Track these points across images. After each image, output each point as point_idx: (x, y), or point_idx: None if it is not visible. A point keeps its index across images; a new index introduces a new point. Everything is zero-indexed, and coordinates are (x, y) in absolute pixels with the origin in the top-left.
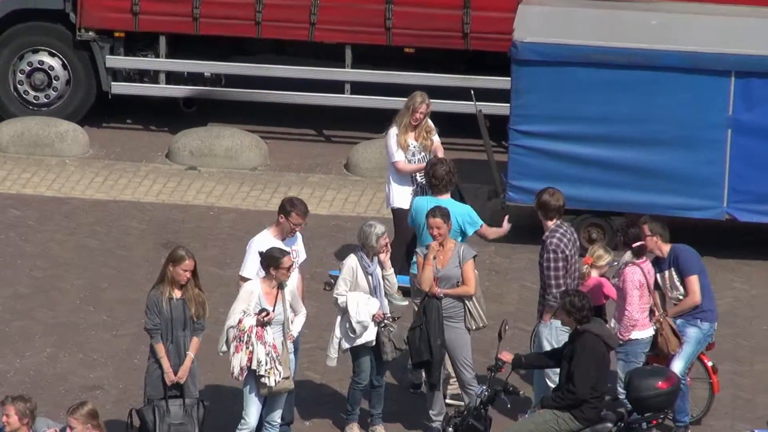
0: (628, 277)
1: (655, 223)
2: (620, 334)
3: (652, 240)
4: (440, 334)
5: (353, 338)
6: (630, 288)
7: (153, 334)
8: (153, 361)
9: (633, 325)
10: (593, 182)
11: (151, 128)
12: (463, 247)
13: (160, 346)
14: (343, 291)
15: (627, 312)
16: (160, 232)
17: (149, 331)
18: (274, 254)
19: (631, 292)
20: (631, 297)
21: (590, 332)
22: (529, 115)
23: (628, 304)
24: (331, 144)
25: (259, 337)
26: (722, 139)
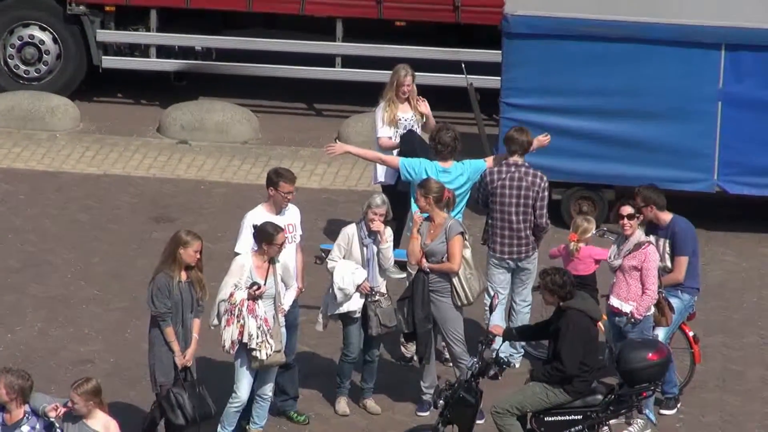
0: (651, 257)
1: (648, 191)
2: (639, 314)
3: (647, 210)
4: (424, 308)
5: (335, 305)
6: (653, 269)
7: (165, 318)
8: (160, 345)
9: (652, 304)
10: (584, 155)
11: (141, 102)
12: (451, 223)
13: (171, 330)
14: (335, 257)
15: (650, 292)
16: (151, 206)
17: (161, 315)
18: (267, 230)
19: (653, 272)
20: (654, 278)
21: (573, 308)
22: (519, 88)
23: (651, 284)
24: (322, 117)
25: (251, 310)
26: (713, 111)
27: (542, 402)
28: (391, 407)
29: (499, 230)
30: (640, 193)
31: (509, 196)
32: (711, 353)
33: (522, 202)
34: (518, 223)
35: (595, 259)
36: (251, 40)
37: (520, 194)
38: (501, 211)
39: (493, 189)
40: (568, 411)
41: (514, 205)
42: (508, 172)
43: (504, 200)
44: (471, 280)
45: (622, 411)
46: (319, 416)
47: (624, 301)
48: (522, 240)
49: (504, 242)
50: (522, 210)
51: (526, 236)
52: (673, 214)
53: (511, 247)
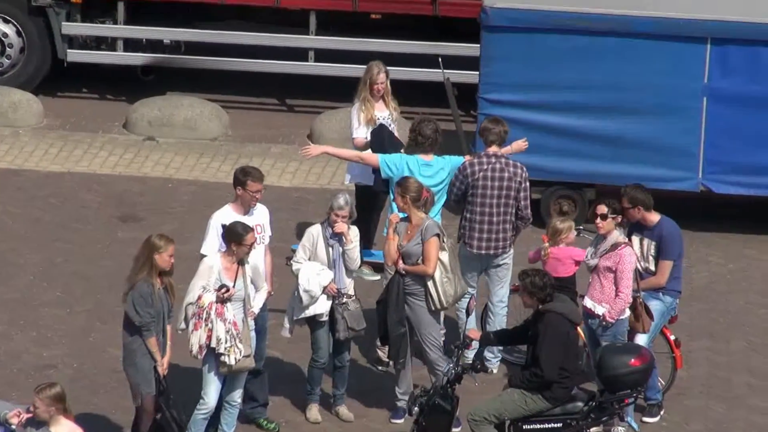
0: (626, 259)
1: (635, 191)
2: (611, 317)
3: (634, 211)
4: (398, 311)
5: (301, 309)
6: (628, 270)
7: (149, 328)
8: (143, 356)
9: (625, 307)
10: (564, 152)
11: (107, 97)
12: (427, 224)
13: (154, 340)
14: (300, 258)
15: (623, 295)
16: (116, 205)
17: (144, 325)
18: (237, 230)
19: (628, 275)
20: (628, 280)
21: (553, 311)
22: (498, 83)
23: (625, 287)
24: (294, 114)
25: (219, 314)
26: (698, 107)
27: (520, 409)
28: (365, 414)
29: (477, 224)
30: (627, 193)
31: (491, 188)
32: (696, 359)
33: (504, 194)
34: (498, 216)
35: (575, 260)
36: (221, 33)
37: (502, 186)
38: (482, 204)
39: (474, 181)
40: (548, 419)
41: (495, 197)
42: (489, 163)
43: (486, 192)
44: (446, 285)
45: (603, 418)
46: (290, 423)
47: (597, 303)
48: (500, 234)
49: (482, 237)
50: (504, 202)
51: (504, 230)
52: (660, 216)
53: (489, 242)
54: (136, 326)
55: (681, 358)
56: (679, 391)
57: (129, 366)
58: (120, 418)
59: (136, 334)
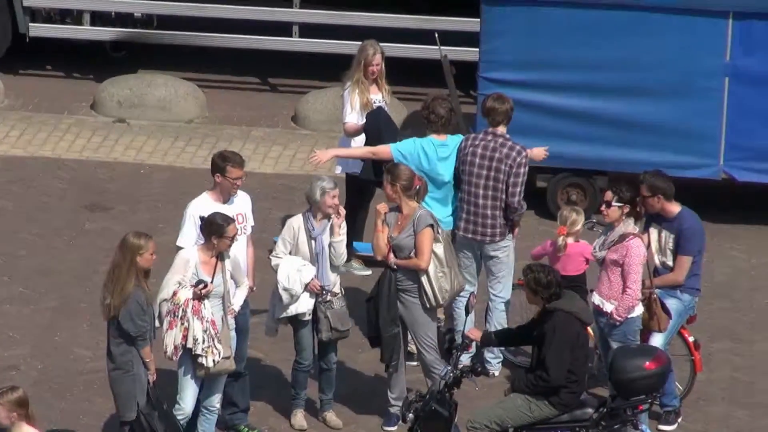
0: (633, 252)
1: (655, 179)
2: (618, 315)
3: (654, 200)
4: (390, 309)
5: (282, 308)
6: (636, 264)
7: (145, 337)
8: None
9: (635, 304)
10: (573, 137)
11: (74, 76)
12: (420, 214)
13: (148, 349)
14: (280, 253)
15: (630, 291)
16: (84, 193)
17: (141, 335)
18: (217, 221)
19: (636, 269)
20: (636, 274)
21: (561, 310)
22: (500, 61)
23: (633, 282)
24: (277, 94)
25: (196, 311)
26: (719, 88)
27: (524, 416)
28: (354, 421)
29: (465, 205)
30: (646, 180)
31: (478, 167)
32: (716, 361)
33: (492, 175)
34: (484, 199)
35: (585, 258)
36: (198, 6)
37: (491, 166)
38: (468, 182)
39: (463, 157)
40: (554, 426)
41: (483, 178)
42: (483, 140)
43: (473, 170)
44: (441, 280)
45: (615, 426)
46: (273, 431)
47: (606, 299)
48: (487, 220)
49: (469, 219)
50: (491, 185)
51: (493, 216)
52: (681, 206)
53: (475, 226)
54: (131, 336)
55: (701, 361)
56: (699, 397)
57: (126, 377)
58: (89, 424)
59: (131, 344)
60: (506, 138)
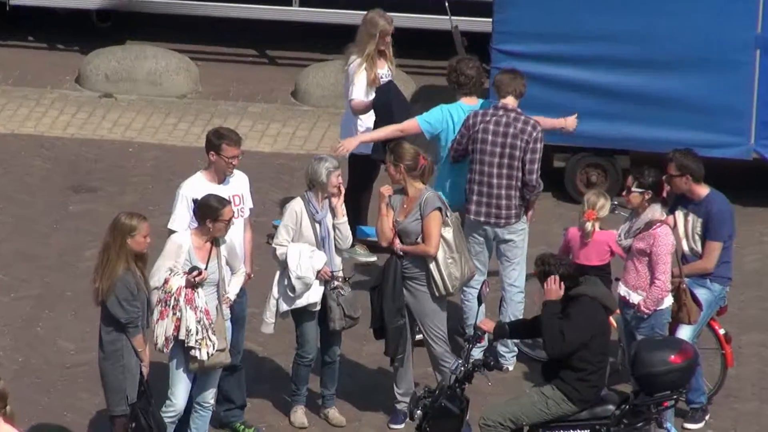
0: (661, 240)
1: (685, 158)
2: (646, 308)
3: (681, 180)
4: (396, 299)
5: (292, 298)
6: (664, 253)
7: (136, 324)
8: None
9: (663, 296)
10: (592, 114)
11: (57, 47)
12: (427, 196)
13: (141, 338)
14: (283, 241)
15: (659, 282)
16: (68, 173)
17: (132, 322)
18: (211, 203)
19: (665, 258)
20: (665, 264)
21: (586, 295)
22: (514, 32)
23: (662, 273)
24: (275, 67)
25: (189, 300)
26: (749, 61)
27: (541, 413)
28: (358, 418)
29: (476, 186)
30: (675, 159)
31: (491, 144)
32: (746, 355)
33: (507, 152)
34: (498, 179)
35: (609, 247)
36: None
37: (506, 143)
38: (480, 162)
39: (474, 134)
40: (573, 424)
41: (497, 156)
42: (494, 115)
43: (485, 149)
44: (451, 266)
45: (638, 424)
46: (272, 429)
47: (632, 290)
48: (502, 201)
49: (481, 201)
50: (506, 163)
51: (507, 197)
52: (710, 189)
53: (488, 208)
54: (121, 323)
55: (732, 355)
56: (727, 393)
57: (115, 368)
58: (73, 421)
59: (121, 331)
60: (519, 112)
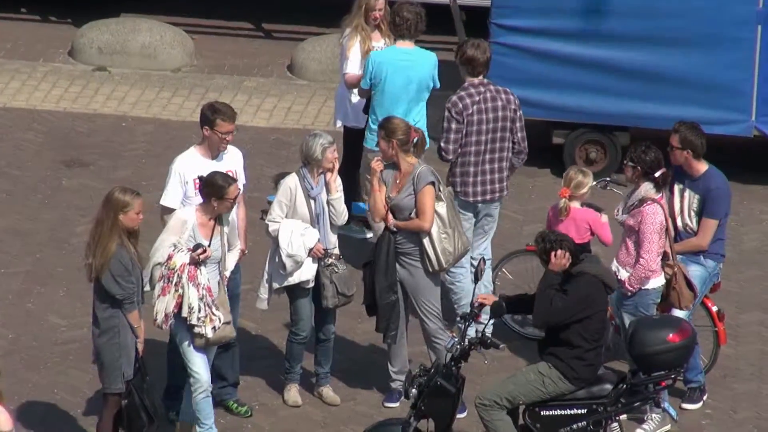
0: (648, 219)
1: (689, 132)
2: (630, 285)
3: (682, 154)
4: (388, 275)
5: (284, 276)
6: (650, 232)
7: (132, 300)
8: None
9: (648, 276)
10: (592, 89)
11: (50, 20)
12: (420, 171)
13: (137, 314)
14: (277, 217)
15: (643, 260)
16: (61, 147)
17: (127, 298)
18: (217, 181)
19: (650, 237)
20: (650, 243)
21: (587, 273)
22: (514, 6)
23: (646, 251)
24: (271, 40)
25: (192, 277)
26: (751, 37)
27: (538, 392)
28: (353, 396)
29: (472, 167)
30: (680, 132)
31: (486, 122)
32: (745, 334)
33: (500, 126)
34: (494, 152)
35: (590, 226)
36: None
37: (497, 117)
38: (477, 142)
39: (468, 117)
40: (570, 403)
41: (491, 132)
42: (479, 93)
43: (481, 128)
44: (445, 242)
45: (635, 404)
46: (265, 407)
47: (621, 266)
48: (497, 174)
49: (477, 182)
50: (500, 136)
51: (500, 170)
52: (708, 165)
53: (485, 185)
54: (116, 300)
55: (724, 333)
56: (726, 373)
57: (110, 345)
58: (64, 399)
59: (116, 307)
60: (493, 84)
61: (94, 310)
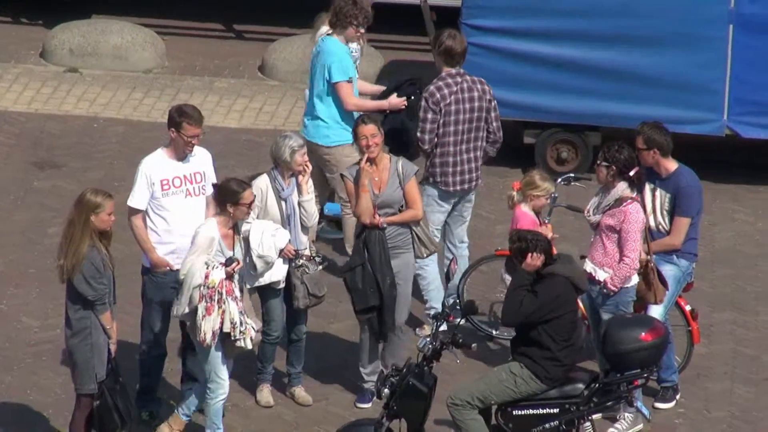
0: (631, 218)
1: (653, 131)
2: (613, 285)
3: (649, 154)
4: (389, 272)
5: (254, 276)
6: (634, 231)
7: (104, 301)
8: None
9: (631, 274)
10: (564, 89)
11: (21, 21)
12: (401, 163)
13: (109, 314)
14: (248, 218)
15: (627, 260)
16: (32, 148)
17: (99, 299)
18: (231, 186)
19: (634, 236)
20: (634, 242)
21: (558, 275)
22: (485, 6)
23: (631, 251)
24: (242, 41)
25: (229, 292)
26: (722, 37)
27: (509, 391)
28: (325, 396)
29: (451, 157)
30: (643, 132)
31: (464, 112)
32: (718, 333)
33: (476, 116)
34: (468, 143)
35: None
36: None
37: (473, 107)
38: (455, 132)
39: (446, 107)
40: (542, 403)
41: (467, 122)
42: (456, 84)
43: (459, 118)
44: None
45: (608, 403)
46: (237, 408)
47: (599, 267)
48: (473, 165)
49: (460, 170)
50: (476, 126)
51: (476, 159)
52: (678, 164)
53: (464, 175)
54: (88, 301)
55: (698, 332)
56: (699, 372)
57: (83, 346)
58: (37, 400)
59: (88, 308)
60: (467, 74)
61: (67, 311)
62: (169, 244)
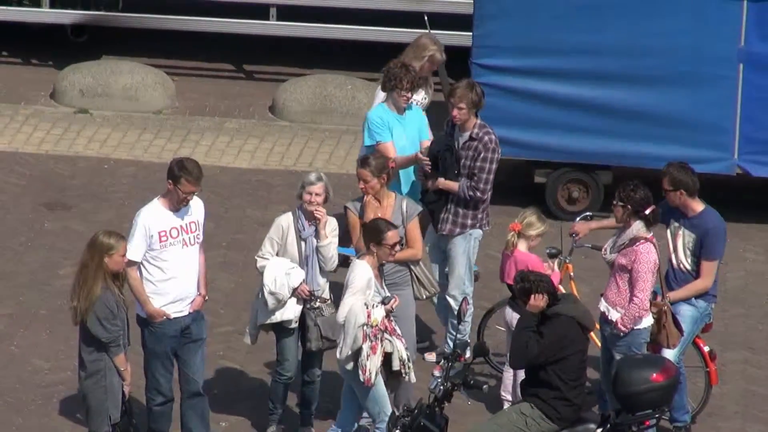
0: (643, 258)
1: (678, 172)
2: (623, 325)
3: (675, 195)
4: None
5: (266, 313)
6: (645, 271)
7: (118, 343)
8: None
9: (642, 315)
10: (574, 129)
11: (32, 62)
12: (405, 202)
13: (123, 357)
14: (266, 254)
15: (637, 300)
16: (43, 189)
17: (113, 341)
18: (378, 227)
19: (645, 276)
20: (645, 282)
21: (562, 315)
22: (495, 46)
23: (640, 291)
24: (253, 82)
25: (392, 330)
26: (732, 76)
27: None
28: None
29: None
30: (669, 173)
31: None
32: (730, 372)
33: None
34: None
35: None
36: None
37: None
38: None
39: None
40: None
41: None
42: None
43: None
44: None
45: None
46: None
47: (611, 306)
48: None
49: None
50: None
51: None
52: (705, 204)
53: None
54: (102, 343)
55: (716, 373)
56: (711, 411)
57: (97, 388)
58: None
59: (102, 351)
60: None
61: (80, 353)
62: (166, 295)
